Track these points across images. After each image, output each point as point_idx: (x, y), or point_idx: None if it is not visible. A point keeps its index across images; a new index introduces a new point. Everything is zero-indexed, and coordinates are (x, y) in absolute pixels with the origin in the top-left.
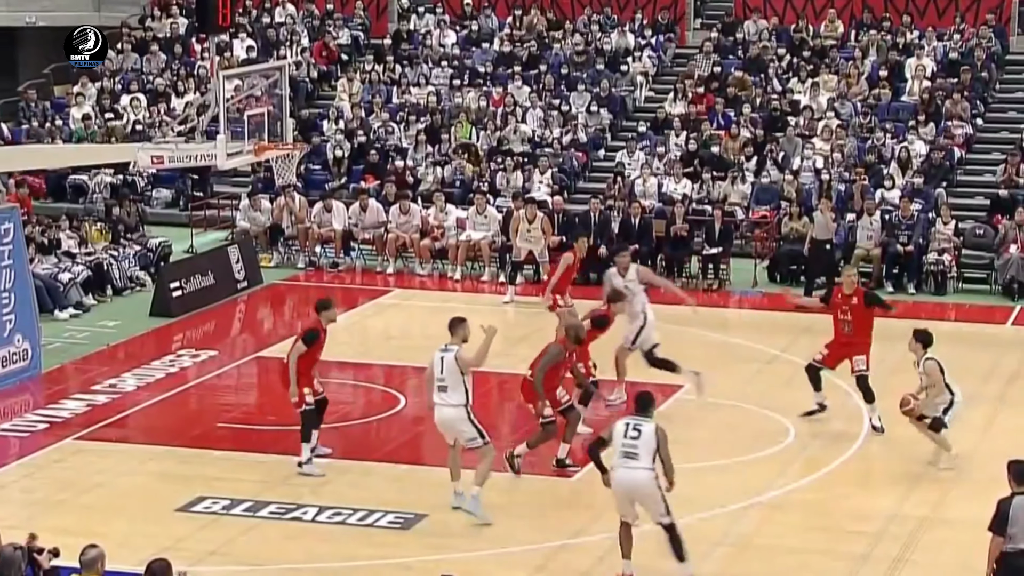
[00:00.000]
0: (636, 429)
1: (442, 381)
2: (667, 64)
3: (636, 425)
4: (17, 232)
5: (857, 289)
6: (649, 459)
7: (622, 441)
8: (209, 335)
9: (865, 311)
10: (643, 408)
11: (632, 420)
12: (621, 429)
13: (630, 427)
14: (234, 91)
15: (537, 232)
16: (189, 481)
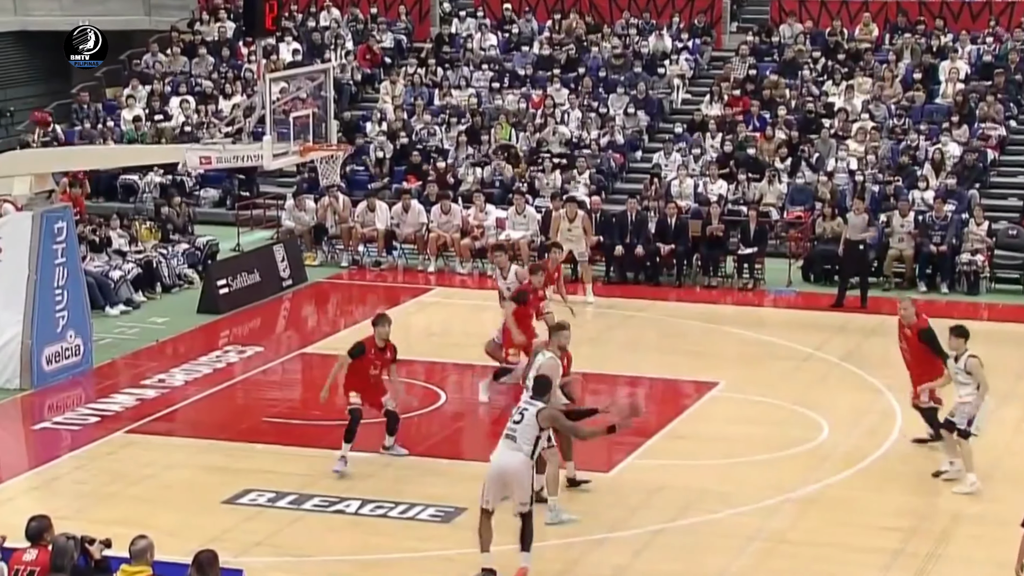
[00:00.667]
0: (520, 412)
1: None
2: (704, 67)
3: (522, 409)
4: (70, 231)
5: (916, 323)
6: (528, 444)
7: (508, 424)
8: (255, 331)
9: (919, 345)
10: (538, 392)
11: (522, 404)
12: (513, 412)
13: (517, 410)
14: (280, 93)
15: (578, 231)
16: (235, 474)
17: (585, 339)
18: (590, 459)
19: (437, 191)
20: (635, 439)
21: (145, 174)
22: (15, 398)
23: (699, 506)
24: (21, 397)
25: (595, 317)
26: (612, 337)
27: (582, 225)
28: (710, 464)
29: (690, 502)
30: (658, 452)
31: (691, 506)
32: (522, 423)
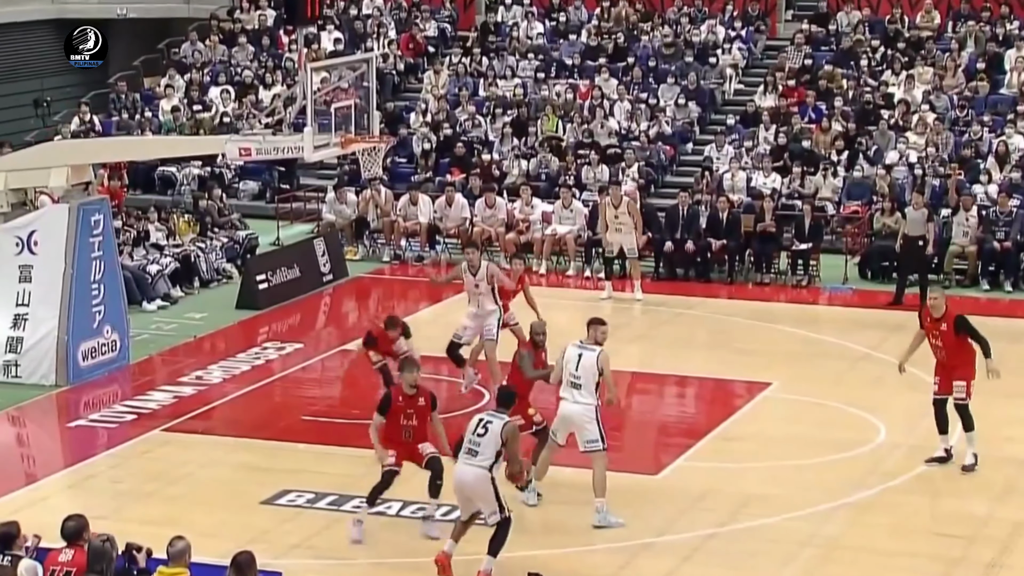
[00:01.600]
0: (484, 426)
1: (576, 378)
2: (757, 56)
3: (486, 422)
4: (107, 224)
5: (948, 313)
6: (489, 459)
7: (469, 437)
8: (294, 328)
9: (956, 337)
10: (502, 403)
11: (485, 416)
12: (473, 423)
13: (480, 423)
14: (321, 83)
15: (625, 218)
16: (274, 474)
17: (633, 337)
18: (638, 461)
19: (481, 184)
20: (685, 441)
21: (184, 166)
22: (50, 395)
23: (750, 510)
24: (56, 394)
25: (643, 314)
26: (661, 335)
27: (628, 211)
28: (762, 467)
29: (741, 506)
30: (708, 454)
31: (742, 510)
32: (486, 436)
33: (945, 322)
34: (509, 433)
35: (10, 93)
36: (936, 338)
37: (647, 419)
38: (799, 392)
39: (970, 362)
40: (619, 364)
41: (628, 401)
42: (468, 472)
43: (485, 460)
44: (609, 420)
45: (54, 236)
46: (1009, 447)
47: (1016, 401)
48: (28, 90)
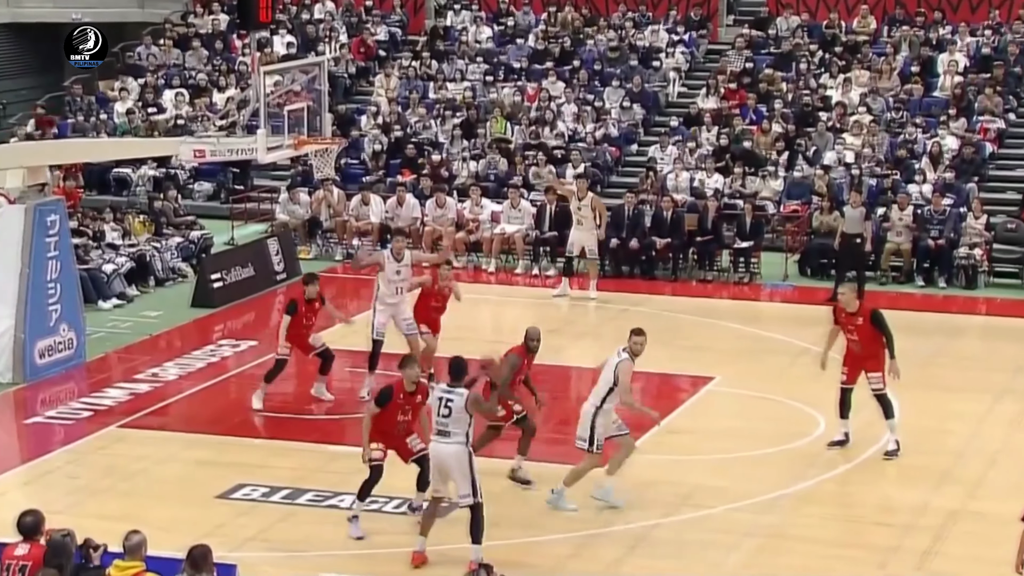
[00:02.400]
0: (447, 406)
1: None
2: (700, 60)
3: (447, 401)
4: (63, 224)
5: (863, 308)
6: (461, 433)
7: (436, 419)
8: (249, 325)
9: (872, 331)
10: (455, 376)
11: (444, 394)
12: (435, 404)
13: (442, 403)
14: (274, 86)
15: (587, 211)
16: (229, 468)
17: (582, 333)
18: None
19: (432, 185)
20: (633, 434)
21: (138, 167)
22: (7, 392)
23: (694, 501)
24: (13, 391)
25: (593, 311)
26: (608, 331)
27: (592, 206)
28: (706, 459)
29: (685, 497)
30: (654, 447)
31: (686, 501)
32: (452, 416)
33: (861, 316)
34: (473, 405)
35: None
36: (852, 332)
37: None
38: (741, 386)
39: (882, 354)
40: (569, 360)
41: (577, 395)
42: (445, 449)
43: (458, 437)
44: (557, 413)
45: (10, 236)
46: (945, 439)
47: (953, 395)
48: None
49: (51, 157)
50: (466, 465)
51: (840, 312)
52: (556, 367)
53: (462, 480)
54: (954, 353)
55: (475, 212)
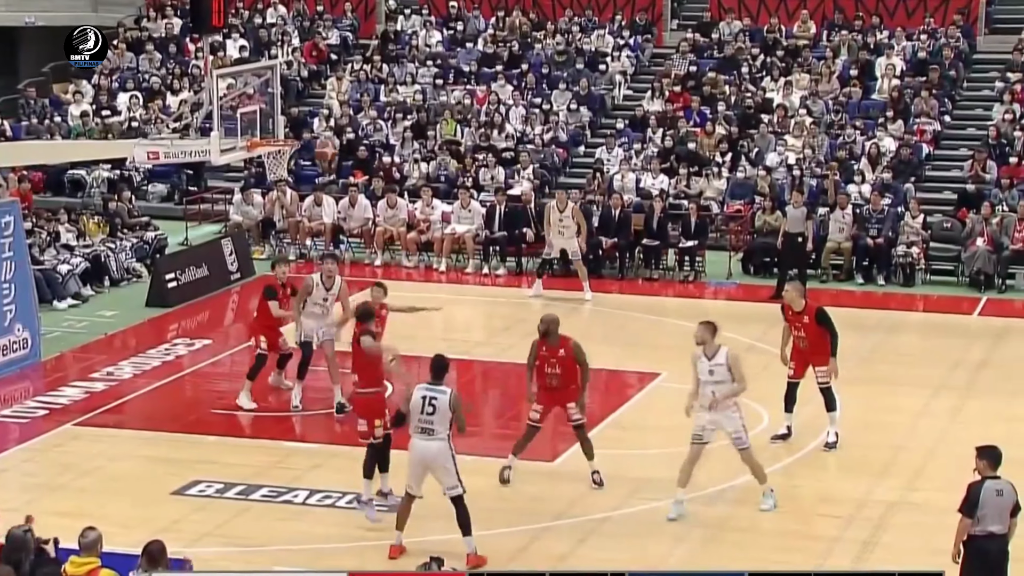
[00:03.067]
0: (431, 404)
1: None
2: (645, 64)
3: (432, 399)
4: (17, 225)
5: (808, 306)
6: (445, 430)
7: (419, 416)
8: (203, 324)
9: (818, 328)
10: (437, 375)
11: (428, 392)
12: (418, 404)
13: (426, 401)
14: (227, 89)
15: (569, 221)
16: (184, 465)
17: (529, 331)
18: (536, 449)
19: (383, 186)
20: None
21: (93, 169)
22: None
23: (642, 494)
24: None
25: (539, 310)
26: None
27: (572, 216)
28: (653, 453)
29: (634, 490)
30: (602, 442)
31: (634, 494)
32: (436, 413)
33: (807, 315)
34: (456, 403)
35: None
36: (799, 330)
37: None
38: (688, 382)
39: (828, 349)
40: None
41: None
42: (431, 445)
43: (442, 434)
44: (509, 409)
45: None
46: (885, 432)
47: (893, 389)
48: None
49: (5, 159)
50: (449, 460)
51: (787, 310)
52: (504, 364)
53: (446, 474)
54: (893, 349)
55: (426, 213)
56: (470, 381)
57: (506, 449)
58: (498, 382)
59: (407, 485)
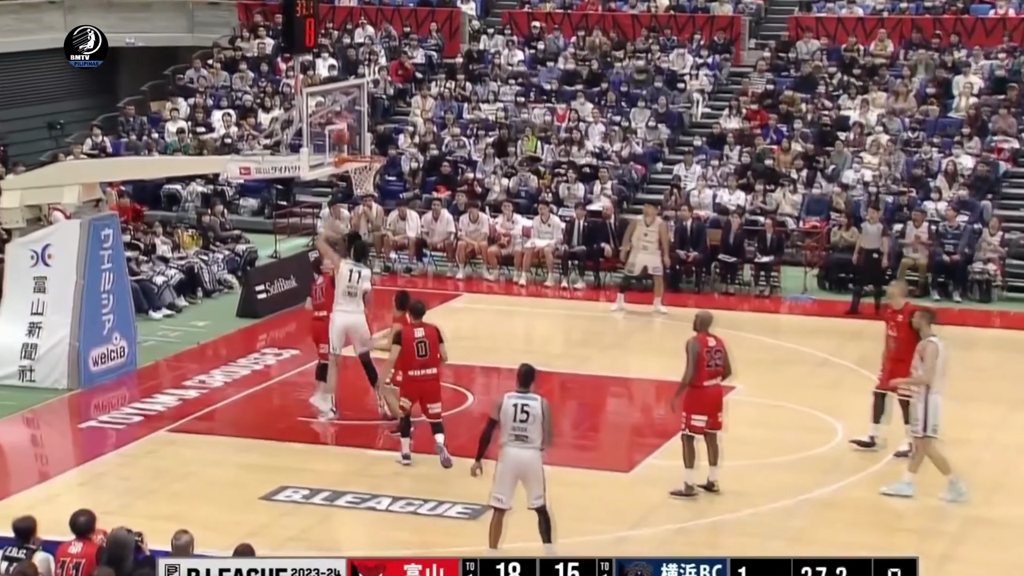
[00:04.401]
0: (524, 411)
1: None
2: (723, 82)
3: (524, 406)
4: (116, 238)
5: (907, 306)
6: (538, 439)
7: (512, 424)
8: (291, 335)
9: (911, 330)
10: (525, 382)
11: (520, 399)
12: (511, 411)
13: (519, 409)
14: (316, 107)
15: (654, 236)
16: (272, 471)
17: (608, 344)
18: (611, 459)
19: (466, 201)
20: (655, 440)
21: (188, 184)
22: (63, 397)
23: (719, 506)
24: (69, 397)
25: (616, 323)
26: (634, 342)
27: (659, 232)
28: (729, 465)
29: (710, 501)
30: (677, 453)
31: (711, 506)
32: (529, 420)
33: (903, 314)
34: (547, 411)
35: (26, 116)
36: (892, 328)
37: (620, 420)
38: (762, 395)
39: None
40: (596, 369)
41: (603, 403)
42: (526, 454)
43: (536, 442)
44: (584, 421)
45: (67, 250)
46: (962, 447)
47: (969, 404)
48: (42, 113)
49: (105, 174)
50: (540, 470)
51: (886, 308)
52: (582, 376)
53: (536, 483)
54: (969, 364)
55: (507, 227)
56: (548, 392)
57: (583, 459)
58: (575, 394)
59: (495, 497)
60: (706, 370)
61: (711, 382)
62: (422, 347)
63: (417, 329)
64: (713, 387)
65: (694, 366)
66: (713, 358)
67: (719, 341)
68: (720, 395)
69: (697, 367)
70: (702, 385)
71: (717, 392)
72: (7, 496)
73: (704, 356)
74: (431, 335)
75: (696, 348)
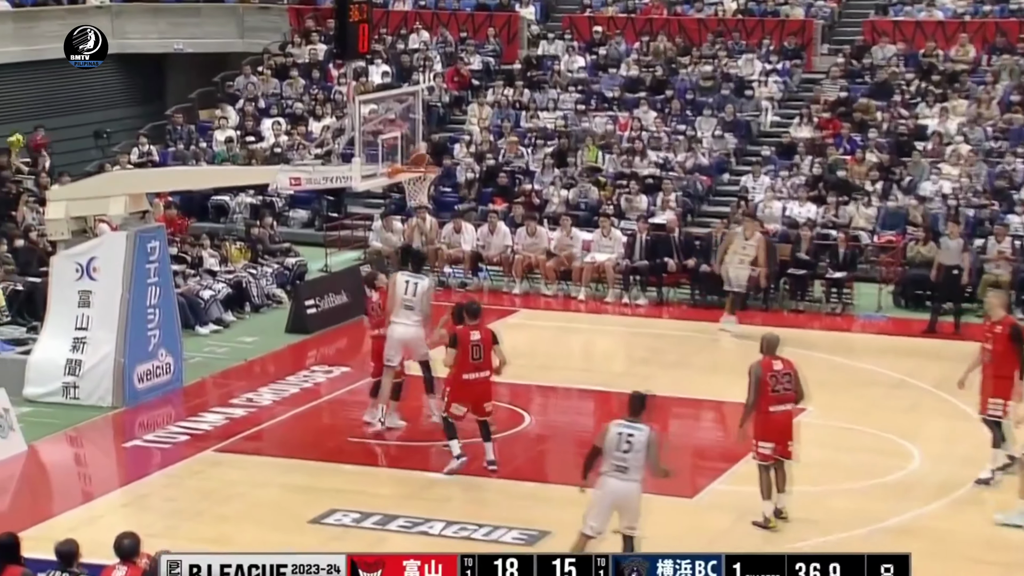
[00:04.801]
0: (628, 441)
1: None
2: (794, 89)
3: (628, 436)
4: (162, 251)
5: (1006, 319)
6: (640, 470)
7: (613, 454)
8: (342, 351)
9: (1008, 344)
10: (634, 410)
11: (625, 428)
12: (614, 440)
13: (622, 438)
14: (369, 115)
15: (751, 251)
16: (321, 494)
17: (669, 363)
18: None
19: (523, 213)
20: (720, 464)
21: (236, 195)
22: (107, 416)
23: (786, 535)
24: (113, 415)
25: (680, 341)
26: (696, 361)
27: (757, 247)
28: (797, 491)
29: (779, 530)
30: (743, 478)
31: (779, 534)
32: (632, 451)
33: (1002, 325)
34: (653, 441)
35: (72, 125)
36: (988, 340)
37: (683, 443)
38: (834, 418)
39: (1010, 377)
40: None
41: (666, 426)
42: (625, 487)
43: (638, 474)
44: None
45: (112, 262)
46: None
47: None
48: (89, 122)
49: (152, 185)
50: (638, 503)
51: (985, 319)
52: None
53: (633, 515)
54: None
55: (566, 241)
56: (609, 413)
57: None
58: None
59: (589, 525)
60: (771, 395)
61: (778, 408)
62: (477, 350)
63: (473, 332)
64: (780, 413)
65: (756, 391)
66: (779, 382)
67: (787, 364)
68: (788, 421)
69: (760, 392)
70: (767, 411)
71: (784, 418)
72: (49, 517)
73: (768, 381)
74: (486, 338)
75: (758, 372)
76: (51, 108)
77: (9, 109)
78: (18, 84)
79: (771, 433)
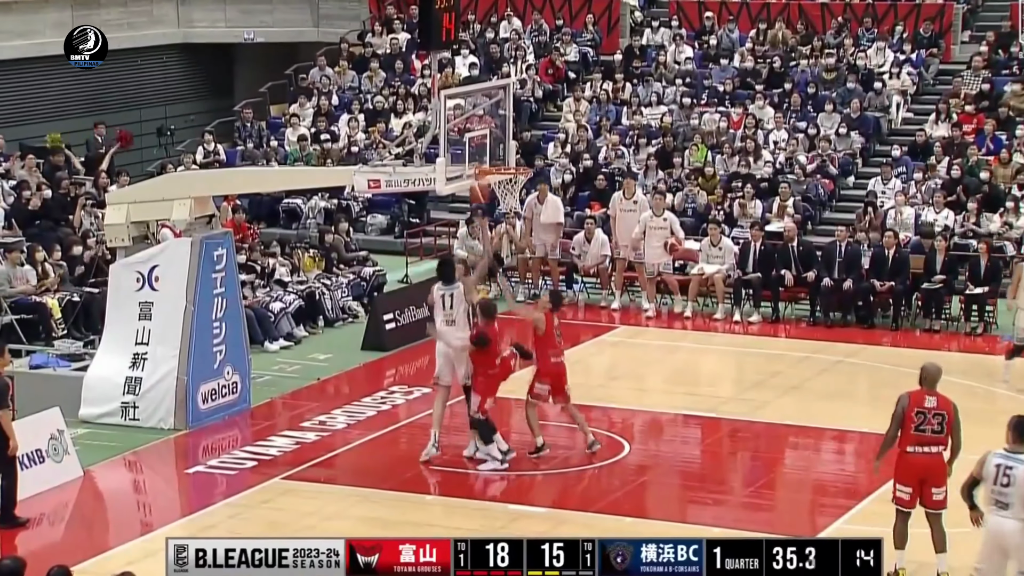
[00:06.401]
0: (1007, 475)
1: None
2: (929, 82)
3: (1007, 468)
4: (230, 259)
5: None
6: (1022, 506)
7: (992, 487)
8: (423, 371)
9: None
10: (1018, 438)
11: (1004, 460)
12: (992, 472)
13: (1001, 470)
14: (455, 111)
15: None
16: (398, 526)
17: (788, 387)
18: (792, 523)
19: None
20: (844, 501)
21: (309, 198)
22: (168, 439)
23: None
24: (175, 438)
25: (797, 363)
26: (818, 385)
27: None
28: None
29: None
30: (870, 517)
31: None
32: (1011, 486)
33: None
34: None
35: (134, 121)
36: None
37: (802, 477)
38: (974, 452)
39: None
40: (773, 416)
41: (781, 457)
42: (1007, 524)
43: (1019, 511)
44: (760, 477)
45: (176, 272)
46: None
47: None
48: (152, 118)
49: (219, 187)
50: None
51: None
52: (757, 424)
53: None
54: None
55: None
56: (716, 442)
57: (758, 522)
58: (748, 444)
59: (976, 568)
60: (912, 434)
61: (918, 449)
62: (559, 333)
63: (556, 318)
64: (920, 455)
65: (896, 425)
66: (928, 422)
67: (943, 403)
68: (930, 466)
69: (901, 428)
70: (905, 450)
71: (926, 462)
72: (106, 550)
73: (912, 417)
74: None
75: (904, 405)
76: (111, 103)
77: (65, 104)
78: (75, 77)
79: (908, 477)
